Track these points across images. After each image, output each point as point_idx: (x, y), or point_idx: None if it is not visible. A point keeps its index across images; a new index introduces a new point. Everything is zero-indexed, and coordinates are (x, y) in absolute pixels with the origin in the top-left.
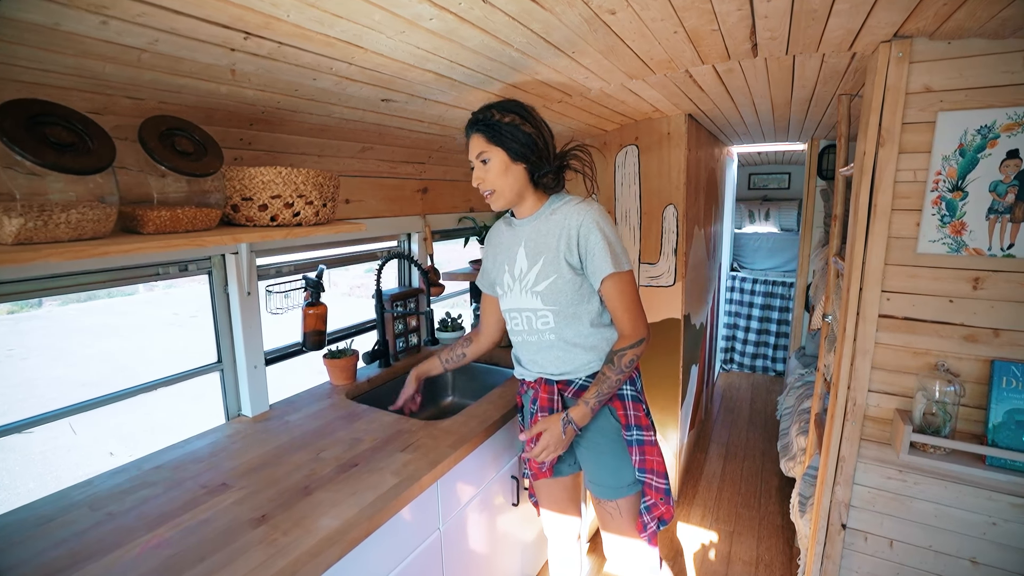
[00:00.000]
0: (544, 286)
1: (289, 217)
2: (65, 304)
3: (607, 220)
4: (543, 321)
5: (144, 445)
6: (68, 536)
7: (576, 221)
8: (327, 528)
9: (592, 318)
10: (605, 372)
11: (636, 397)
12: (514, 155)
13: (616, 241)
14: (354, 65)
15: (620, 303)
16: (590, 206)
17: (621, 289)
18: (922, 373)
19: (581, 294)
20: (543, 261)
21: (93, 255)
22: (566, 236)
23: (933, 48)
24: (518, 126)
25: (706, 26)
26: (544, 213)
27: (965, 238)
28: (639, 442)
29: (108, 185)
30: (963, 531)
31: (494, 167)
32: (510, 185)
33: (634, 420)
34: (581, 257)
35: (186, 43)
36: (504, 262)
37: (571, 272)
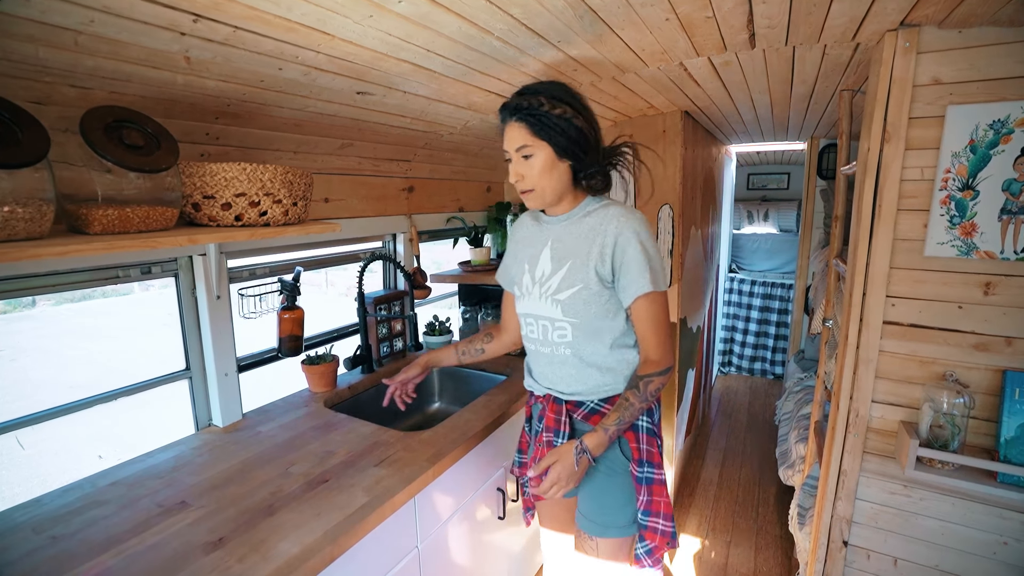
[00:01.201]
0: (567, 295)
1: (255, 217)
2: (59, 304)
3: (649, 232)
4: (560, 333)
5: (135, 446)
6: (2, 564)
7: (614, 229)
8: (285, 554)
9: (615, 337)
10: (628, 398)
11: (652, 430)
12: (561, 152)
13: (656, 257)
14: (322, 53)
15: (651, 326)
16: (632, 214)
17: (654, 311)
18: (929, 384)
19: (606, 309)
20: (569, 267)
21: (21, 258)
22: (600, 244)
23: (942, 37)
24: (570, 119)
25: (700, 12)
26: (578, 214)
27: (976, 240)
28: (649, 480)
29: (42, 180)
30: (972, 550)
31: (538, 164)
32: (552, 185)
33: (647, 456)
34: (614, 269)
35: (127, 24)
36: (525, 260)
37: (599, 284)
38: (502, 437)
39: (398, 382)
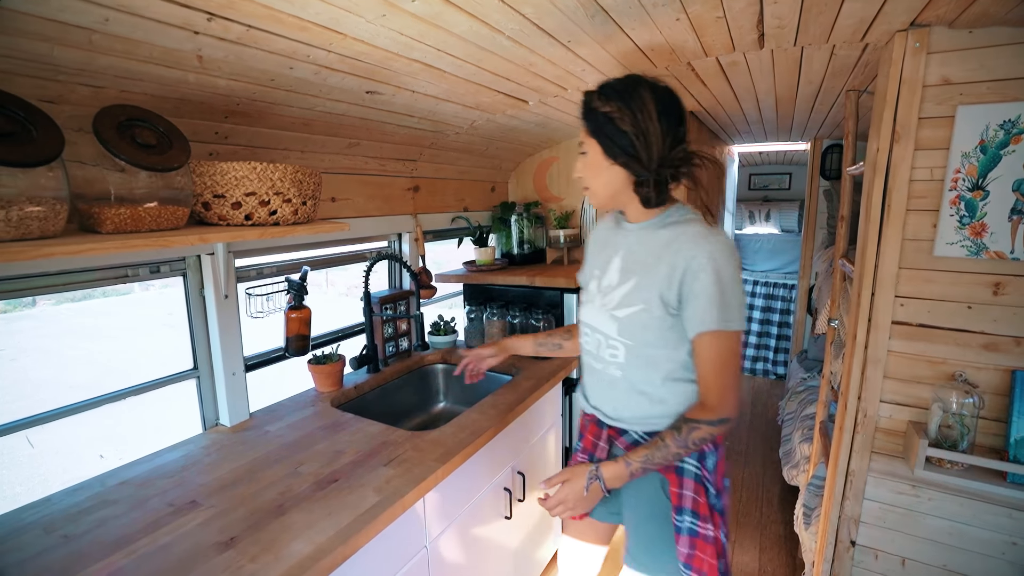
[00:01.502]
0: (625, 313)
1: (265, 216)
2: (59, 304)
3: (730, 261)
4: (612, 352)
5: (136, 446)
6: (12, 564)
7: (688, 252)
8: (298, 554)
9: (672, 369)
10: (665, 438)
11: (700, 477)
12: (608, 153)
13: (734, 292)
14: (333, 53)
15: (712, 367)
16: (713, 237)
17: (719, 352)
18: (938, 384)
19: (666, 338)
20: (634, 283)
21: (36, 257)
22: (669, 265)
23: (953, 37)
24: (614, 120)
25: (711, 13)
26: (655, 224)
27: (986, 240)
28: (691, 532)
29: (56, 179)
30: (981, 551)
31: (589, 162)
32: (603, 186)
33: (690, 504)
34: (681, 297)
35: (141, 23)
36: (596, 266)
37: (662, 309)
38: (509, 437)
39: (473, 355)
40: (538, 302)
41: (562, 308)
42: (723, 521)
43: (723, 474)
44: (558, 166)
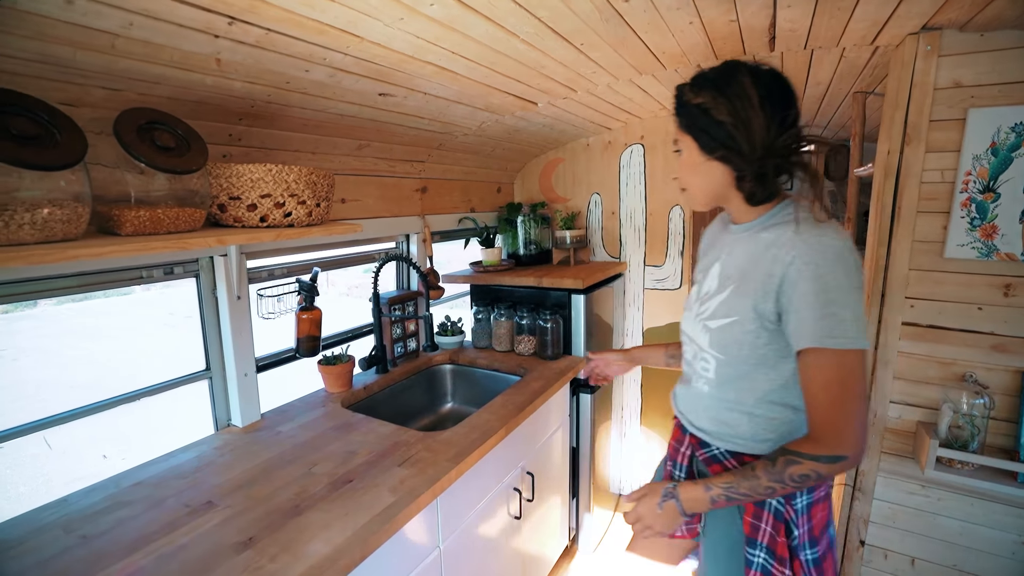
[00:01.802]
0: (718, 324)
1: (280, 217)
2: (60, 303)
3: (838, 265)
4: (703, 365)
5: (139, 447)
6: (35, 563)
7: (788, 256)
8: (317, 554)
9: (769, 390)
10: (756, 469)
11: (781, 515)
12: (706, 148)
13: (844, 301)
14: (349, 56)
15: (822, 392)
16: (818, 239)
17: (829, 374)
18: (948, 384)
19: (763, 355)
20: (730, 292)
21: (61, 259)
22: (766, 271)
23: (964, 41)
24: (708, 110)
25: (724, 16)
26: (757, 226)
27: (996, 242)
28: (763, 570)
29: (79, 182)
30: (991, 550)
31: (685, 160)
32: (701, 185)
33: (765, 539)
34: (780, 309)
35: (164, 27)
36: (700, 271)
37: (757, 323)
38: (518, 437)
39: (600, 359)
40: (545, 303)
41: (569, 309)
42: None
43: (823, 523)
44: (564, 167)
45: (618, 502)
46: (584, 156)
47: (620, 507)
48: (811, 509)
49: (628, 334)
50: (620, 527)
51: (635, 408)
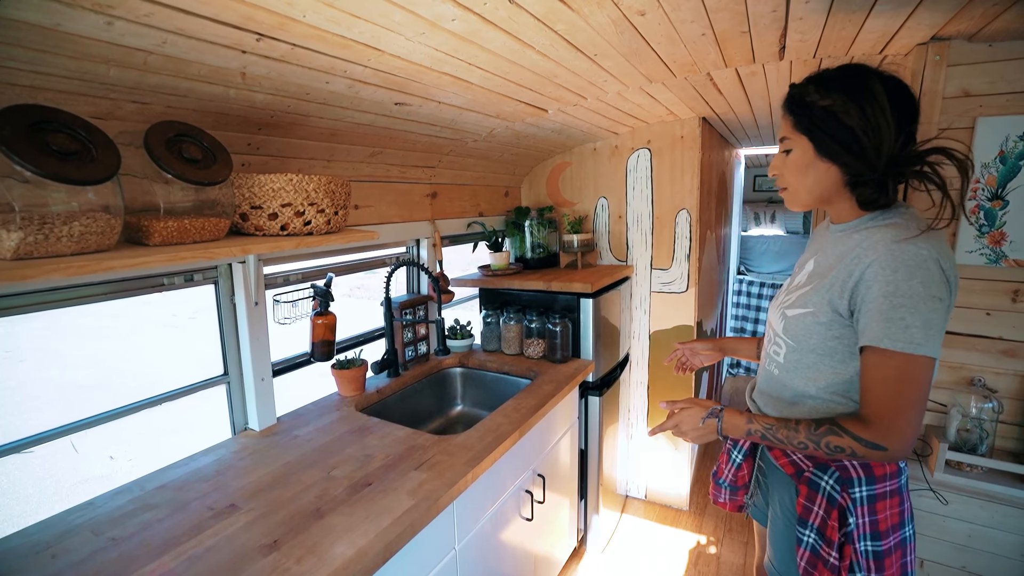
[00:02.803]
0: (795, 313)
1: (300, 226)
2: None
3: (915, 273)
4: (775, 349)
5: (145, 450)
6: (67, 566)
7: (868, 257)
8: (342, 556)
9: (832, 383)
10: (799, 424)
11: (836, 501)
12: (823, 151)
13: (913, 307)
14: (369, 68)
15: (881, 388)
16: (901, 245)
17: (887, 375)
18: (956, 388)
19: (832, 349)
20: (813, 286)
21: (97, 271)
22: (846, 271)
23: (973, 51)
24: (837, 114)
25: (736, 28)
26: (854, 227)
27: (1005, 249)
28: (812, 550)
29: (112, 195)
30: (1000, 552)
31: (793, 161)
32: (808, 187)
33: (815, 521)
34: (854, 307)
35: (195, 45)
36: (798, 265)
37: (830, 315)
38: (531, 440)
39: (687, 348)
40: (554, 306)
41: (578, 312)
42: (875, 567)
43: (893, 520)
44: (571, 171)
45: (625, 503)
46: (591, 160)
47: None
48: (875, 503)
49: (636, 337)
50: (627, 529)
51: (641, 410)
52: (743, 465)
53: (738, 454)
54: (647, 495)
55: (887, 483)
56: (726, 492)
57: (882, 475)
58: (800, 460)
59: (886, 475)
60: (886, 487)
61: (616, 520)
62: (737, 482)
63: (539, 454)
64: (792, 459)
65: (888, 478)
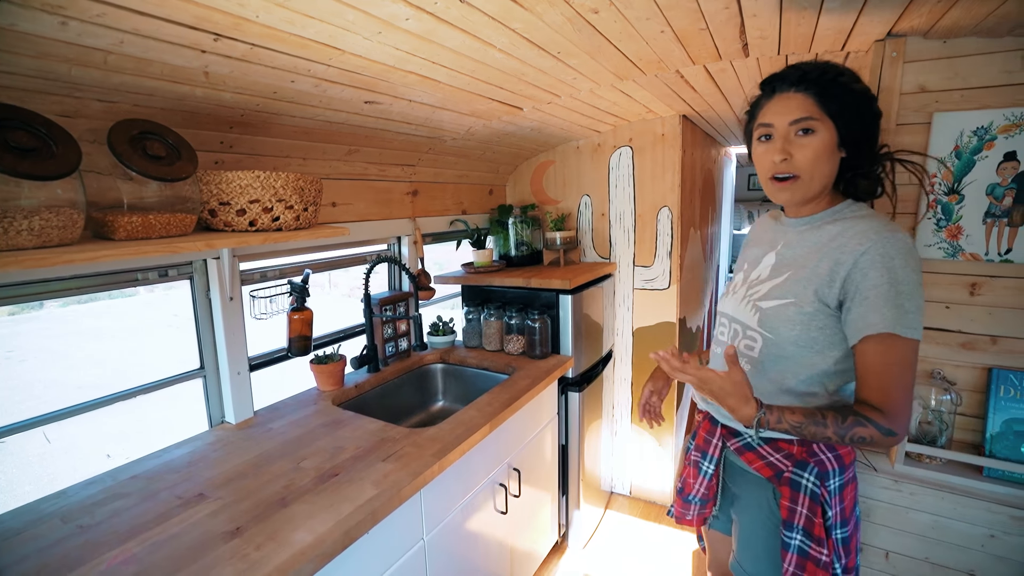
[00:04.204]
0: (771, 305)
1: (268, 222)
2: (65, 305)
3: (908, 260)
4: (748, 343)
5: (142, 445)
6: (33, 551)
7: (859, 247)
8: (301, 543)
9: (812, 376)
10: (826, 417)
11: (817, 496)
12: (848, 138)
13: (911, 294)
14: (332, 67)
15: (890, 374)
16: (890, 233)
17: (892, 360)
18: (918, 381)
19: (813, 339)
20: (787, 278)
21: (56, 263)
22: (834, 260)
23: (928, 47)
24: (871, 100)
25: (693, 25)
26: (821, 219)
27: (962, 242)
28: (800, 552)
29: (74, 190)
30: (961, 543)
31: (816, 144)
32: (822, 176)
33: (801, 521)
34: (844, 297)
35: (153, 44)
36: (746, 261)
37: (815, 306)
38: (505, 434)
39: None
40: (534, 303)
41: (557, 309)
42: (844, 552)
43: (852, 504)
44: (554, 169)
45: (609, 499)
46: (574, 158)
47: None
48: (843, 490)
49: (619, 333)
50: (610, 525)
51: (625, 406)
52: (713, 475)
53: (709, 464)
54: (632, 491)
55: (851, 470)
56: (695, 507)
57: (850, 463)
58: (778, 461)
59: (851, 463)
60: (850, 474)
61: (600, 516)
62: (708, 494)
63: (514, 448)
64: (768, 461)
65: (852, 464)
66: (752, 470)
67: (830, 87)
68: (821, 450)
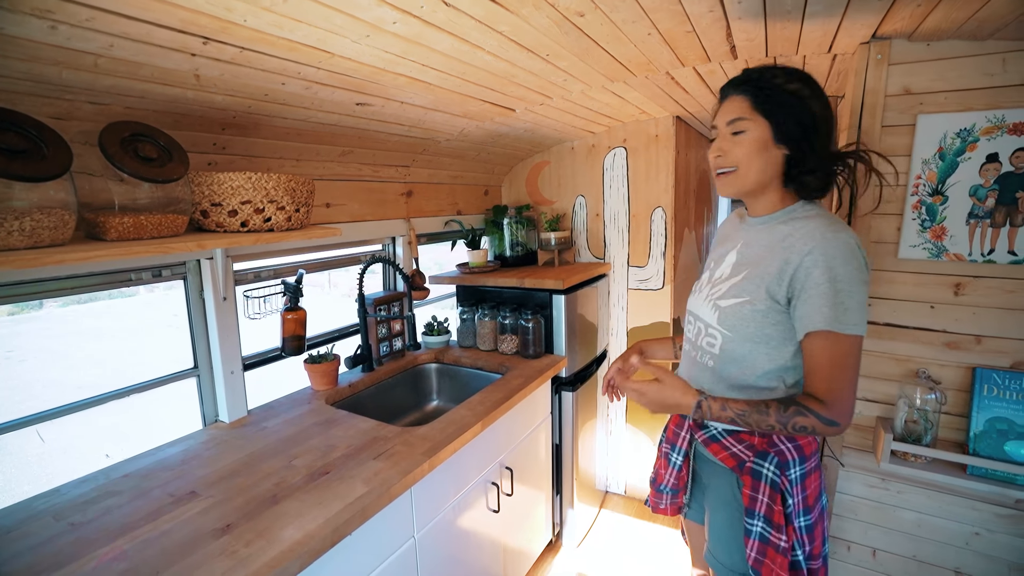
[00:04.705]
0: (729, 303)
1: (260, 222)
2: (65, 305)
3: (850, 260)
4: (709, 341)
5: (140, 445)
6: (25, 548)
7: (804, 247)
8: (290, 539)
9: (769, 370)
10: (769, 406)
11: (777, 485)
12: (780, 134)
13: (853, 292)
14: (322, 69)
15: (827, 370)
16: (836, 234)
17: (834, 355)
18: (904, 380)
19: (768, 335)
20: (744, 276)
21: (47, 263)
22: (782, 260)
23: (912, 50)
24: (804, 99)
25: (679, 28)
26: (776, 219)
27: (946, 243)
28: (761, 539)
29: (65, 192)
30: (947, 541)
31: (748, 141)
32: (757, 170)
33: (762, 509)
34: (792, 295)
35: (143, 48)
36: (713, 259)
37: (767, 304)
38: (497, 433)
39: (614, 371)
40: (528, 303)
41: (551, 309)
42: (808, 540)
43: (816, 493)
44: (549, 170)
45: (603, 498)
46: (569, 159)
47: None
48: (805, 480)
49: (613, 333)
50: (605, 524)
51: (620, 407)
52: (682, 466)
53: (678, 456)
54: (626, 491)
55: (813, 460)
56: (667, 497)
57: (810, 453)
58: (741, 451)
59: (812, 453)
60: (812, 464)
61: (594, 515)
62: (679, 484)
63: (507, 447)
64: (732, 452)
65: (813, 455)
66: (718, 461)
67: (764, 88)
68: (781, 440)
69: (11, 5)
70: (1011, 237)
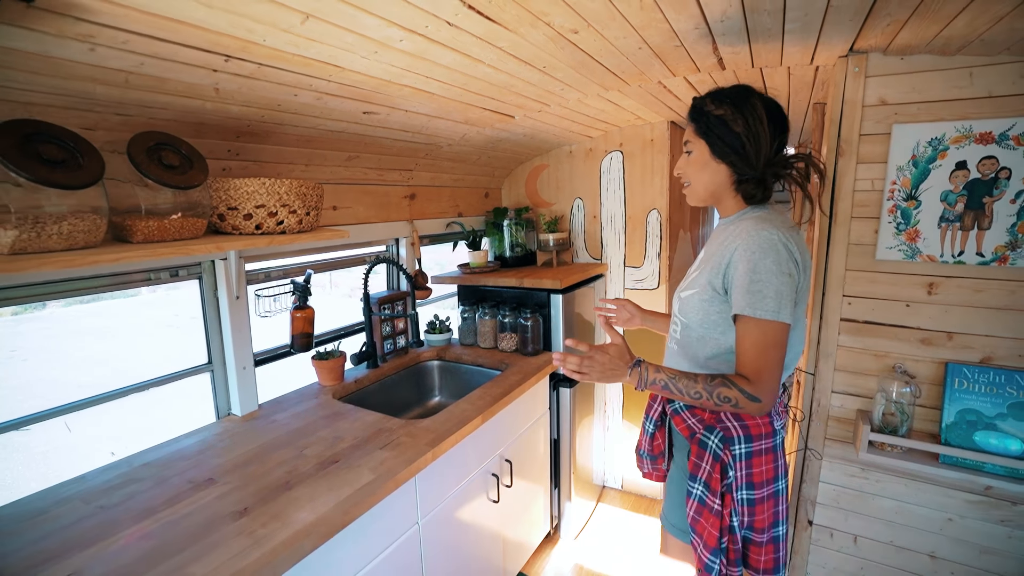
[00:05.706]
0: (687, 295)
1: (273, 225)
2: (68, 305)
3: (768, 253)
4: (674, 327)
5: (144, 443)
6: (58, 528)
7: (735, 243)
8: (302, 521)
9: (716, 353)
10: (697, 378)
11: (719, 457)
12: (716, 152)
13: (769, 281)
14: (333, 82)
15: (750, 351)
16: (758, 232)
17: (755, 338)
18: (882, 375)
19: (714, 322)
20: (699, 270)
21: (83, 264)
22: (722, 256)
23: (887, 63)
24: (727, 122)
25: (668, 43)
26: (731, 220)
27: (919, 245)
28: (700, 500)
29: (98, 198)
30: (922, 527)
31: (693, 160)
32: (704, 183)
33: (703, 476)
34: (727, 285)
35: (170, 65)
36: (698, 257)
37: (712, 293)
38: (497, 426)
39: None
40: (527, 302)
41: (549, 308)
42: (747, 512)
43: (767, 475)
44: (548, 173)
45: (601, 492)
46: (567, 163)
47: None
48: (751, 458)
49: None
50: (602, 517)
51: (617, 403)
52: (656, 435)
53: (650, 424)
54: (623, 485)
55: (762, 442)
56: (647, 462)
57: (758, 435)
58: (693, 424)
59: (761, 435)
60: (761, 445)
61: (591, 508)
62: (654, 451)
63: (506, 440)
64: (688, 424)
65: (763, 438)
66: (679, 432)
67: (699, 114)
68: (727, 418)
69: (57, 31)
70: (979, 240)
